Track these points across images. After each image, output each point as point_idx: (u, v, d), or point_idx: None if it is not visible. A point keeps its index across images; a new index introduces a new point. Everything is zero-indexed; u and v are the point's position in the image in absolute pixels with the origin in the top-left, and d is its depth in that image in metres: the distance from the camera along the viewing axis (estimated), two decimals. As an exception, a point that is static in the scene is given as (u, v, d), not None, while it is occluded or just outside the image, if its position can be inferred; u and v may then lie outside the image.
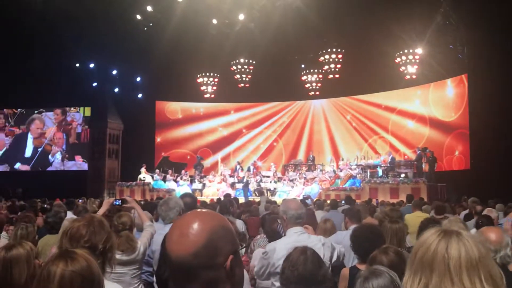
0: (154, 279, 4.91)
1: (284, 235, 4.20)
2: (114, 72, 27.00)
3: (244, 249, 4.84)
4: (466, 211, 9.61)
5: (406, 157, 23.10)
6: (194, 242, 1.43)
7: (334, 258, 4.12)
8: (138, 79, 27.63)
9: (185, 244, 1.44)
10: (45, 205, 11.80)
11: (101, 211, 5.08)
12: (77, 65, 25.94)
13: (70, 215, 7.32)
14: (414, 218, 7.78)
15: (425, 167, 20.71)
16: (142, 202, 10.02)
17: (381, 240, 3.89)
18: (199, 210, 1.60)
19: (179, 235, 1.46)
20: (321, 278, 3.02)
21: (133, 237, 4.57)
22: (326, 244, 4.05)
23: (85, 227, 2.67)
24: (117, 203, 5.39)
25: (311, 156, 25.51)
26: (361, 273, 2.73)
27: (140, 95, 27.98)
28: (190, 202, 4.89)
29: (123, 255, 4.41)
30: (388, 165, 21.86)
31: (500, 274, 1.64)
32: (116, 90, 27.54)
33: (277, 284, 3.74)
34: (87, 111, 28.50)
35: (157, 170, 24.11)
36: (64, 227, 2.85)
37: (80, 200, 13.82)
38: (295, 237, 3.91)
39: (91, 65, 26.36)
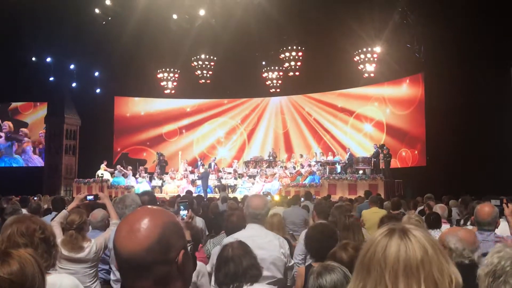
0: (112, 277, 4.84)
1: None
2: (72, 66, 26.36)
3: (191, 246, 4.80)
4: (422, 207, 9.81)
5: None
6: (147, 237, 1.42)
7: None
8: (97, 74, 27.04)
9: (138, 239, 1.42)
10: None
11: (71, 206, 4.98)
12: (34, 59, 25.26)
13: (24, 212, 7.16)
14: (370, 214, 7.96)
15: (382, 163, 21.10)
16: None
17: (333, 239, 3.98)
18: (149, 206, 1.59)
19: (129, 230, 1.44)
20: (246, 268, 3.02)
21: (78, 236, 4.44)
22: (284, 241, 4.09)
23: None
24: (90, 198, 5.31)
25: (271, 152, 25.58)
26: (313, 269, 2.76)
27: (98, 90, 27.36)
28: (148, 201, 4.71)
29: (70, 252, 4.34)
30: (347, 161, 22.19)
31: (450, 278, 1.41)
32: (74, 85, 26.88)
33: None
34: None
35: (118, 166, 23.73)
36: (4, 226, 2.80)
37: (35, 198, 13.50)
38: (252, 232, 3.93)
39: (48, 59, 25.70)
